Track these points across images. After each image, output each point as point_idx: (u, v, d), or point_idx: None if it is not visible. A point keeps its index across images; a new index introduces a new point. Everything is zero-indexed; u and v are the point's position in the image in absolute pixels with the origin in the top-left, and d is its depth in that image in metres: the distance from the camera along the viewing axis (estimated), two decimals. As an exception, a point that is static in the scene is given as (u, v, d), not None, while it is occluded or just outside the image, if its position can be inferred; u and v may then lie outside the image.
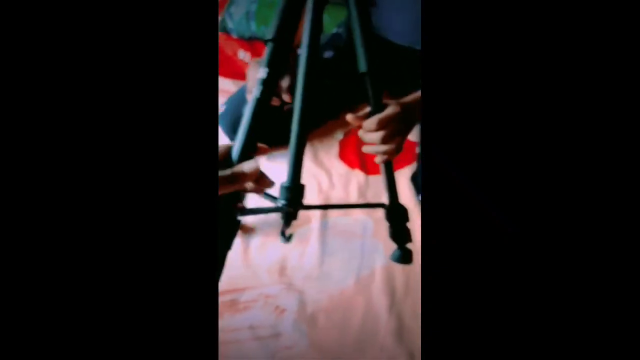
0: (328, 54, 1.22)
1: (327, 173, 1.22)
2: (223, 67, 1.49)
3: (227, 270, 0.59)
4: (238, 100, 1.15)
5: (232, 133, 1.15)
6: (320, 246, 1.05)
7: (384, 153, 0.62)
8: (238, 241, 1.05)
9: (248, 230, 1.08)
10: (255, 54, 1.54)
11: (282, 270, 1.00)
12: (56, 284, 0.30)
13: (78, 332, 0.30)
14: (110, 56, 0.33)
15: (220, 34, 1.59)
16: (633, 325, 0.28)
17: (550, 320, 0.29)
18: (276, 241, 1.00)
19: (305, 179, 0.68)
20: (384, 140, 0.60)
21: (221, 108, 1.17)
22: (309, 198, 0.80)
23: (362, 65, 0.62)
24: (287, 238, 0.75)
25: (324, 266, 1.02)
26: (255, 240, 1.06)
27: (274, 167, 1.18)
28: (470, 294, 0.30)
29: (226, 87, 1.42)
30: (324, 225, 1.10)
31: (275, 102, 0.83)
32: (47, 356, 0.28)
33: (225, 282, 0.92)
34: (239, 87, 1.26)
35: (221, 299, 0.94)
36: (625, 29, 0.30)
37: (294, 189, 0.69)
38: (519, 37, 0.31)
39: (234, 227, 0.60)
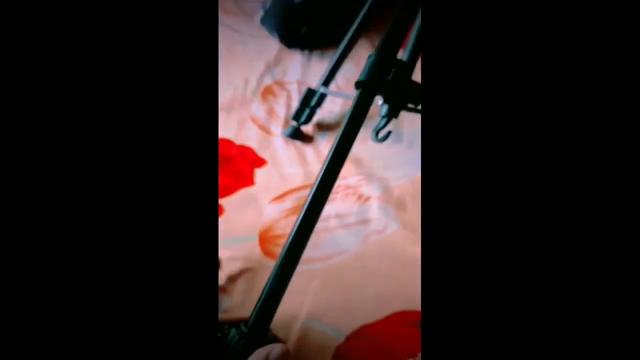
0: None
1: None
2: None
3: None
4: None
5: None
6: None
7: None
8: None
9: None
10: None
11: (357, 162, 0.95)
12: (55, 282, 0.30)
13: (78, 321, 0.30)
14: (106, 54, 0.33)
15: None
16: (634, 325, 0.27)
17: (552, 318, 0.28)
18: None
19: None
20: None
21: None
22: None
23: None
24: (382, 138, 0.66)
25: (405, 155, 0.96)
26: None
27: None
28: (473, 291, 0.29)
29: None
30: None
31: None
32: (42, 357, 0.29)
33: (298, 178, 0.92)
34: None
35: (297, 194, 0.94)
36: (625, 29, 0.30)
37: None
38: (522, 30, 0.31)
39: None
